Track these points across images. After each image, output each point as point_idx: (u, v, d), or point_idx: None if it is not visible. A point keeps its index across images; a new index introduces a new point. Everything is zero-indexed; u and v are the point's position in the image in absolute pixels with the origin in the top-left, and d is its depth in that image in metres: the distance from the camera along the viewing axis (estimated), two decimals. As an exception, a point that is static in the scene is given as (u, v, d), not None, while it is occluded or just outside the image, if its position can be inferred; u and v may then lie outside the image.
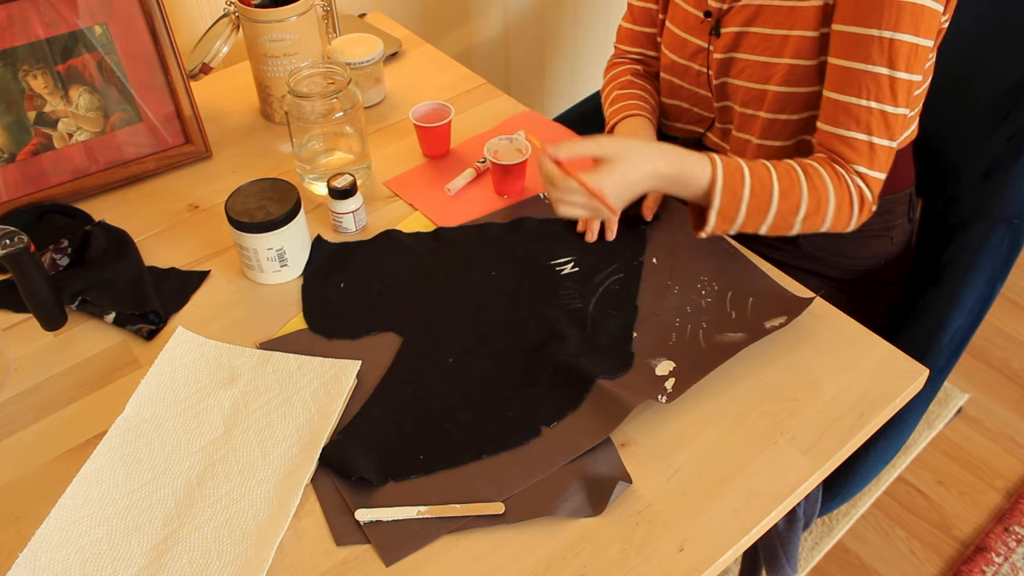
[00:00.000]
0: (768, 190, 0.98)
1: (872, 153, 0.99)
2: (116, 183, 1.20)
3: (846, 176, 1.00)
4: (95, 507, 0.82)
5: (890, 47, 0.94)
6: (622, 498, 0.82)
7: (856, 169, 1.00)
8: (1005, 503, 1.69)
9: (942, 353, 1.10)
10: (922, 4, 0.93)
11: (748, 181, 0.98)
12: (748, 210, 0.98)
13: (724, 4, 1.09)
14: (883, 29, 0.94)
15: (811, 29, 1.01)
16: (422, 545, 0.79)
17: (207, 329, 1.00)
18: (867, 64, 0.96)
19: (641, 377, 0.92)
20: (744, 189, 0.98)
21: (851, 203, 1.00)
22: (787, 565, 1.13)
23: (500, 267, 1.06)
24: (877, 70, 0.95)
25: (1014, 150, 1.16)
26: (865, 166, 0.99)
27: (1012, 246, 1.14)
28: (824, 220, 1.01)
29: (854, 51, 0.96)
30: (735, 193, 0.98)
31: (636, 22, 1.26)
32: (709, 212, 0.98)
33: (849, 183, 1.00)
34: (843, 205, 1.00)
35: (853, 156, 0.99)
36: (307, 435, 0.87)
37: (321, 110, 1.13)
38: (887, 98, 0.96)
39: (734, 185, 0.98)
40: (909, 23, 0.93)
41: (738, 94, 1.11)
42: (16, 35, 1.07)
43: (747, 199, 0.98)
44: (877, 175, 1.00)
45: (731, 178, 0.98)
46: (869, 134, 0.98)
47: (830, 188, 0.99)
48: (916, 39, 0.94)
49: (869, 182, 1.00)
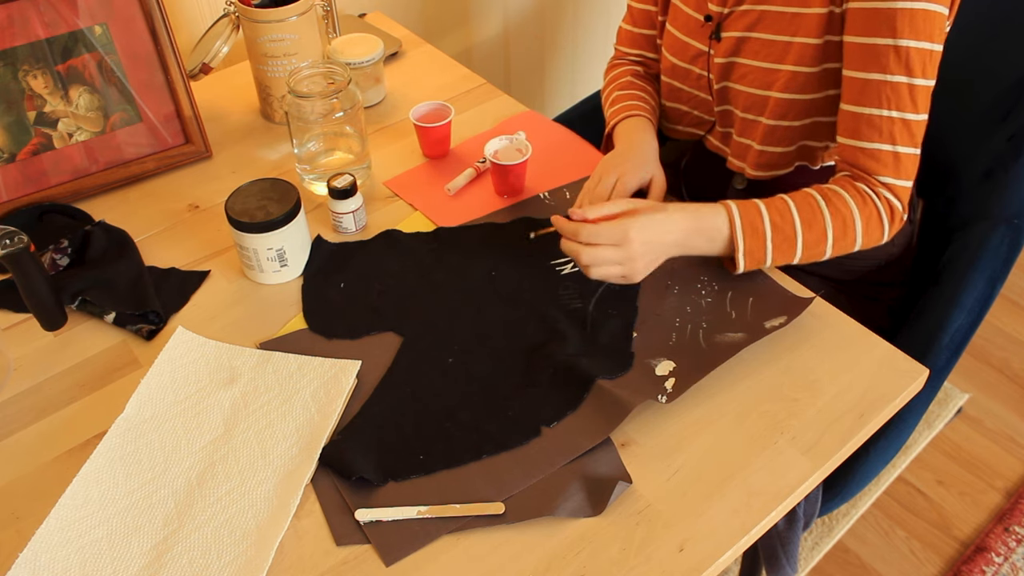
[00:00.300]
0: (790, 223, 0.98)
1: (897, 162, 0.99)
2: (116, 183, 1.20)
3: (870, 192, 1.00)
4: (95, 507, 0.82)
5: (907, 55, 0.94)
6: (622, 498, 0.82)
7: (882, 181, 1.00)
8: (1005, 503, 1.69)
9: (942, 353, 1.10)
10: (932, 10, 0.93)
11: (767, 217, 0.98)
12: (774, 246, 0.98)
13: (725, 8, 1.08)
14: (898, 38, 0.94)
15: (814, 37, 1.01)
16: (422, 545, 0.79)
17: (207, 329, 1.00)
18: (885, 74, 0.95)
19: (641, 377, 0.92)
20: (764, 225, 0.98)
21: (880, 218, 1.00)
22: (787, 565, 1.13)
23: (500, 267, 1.06)
24: (896, 79, 0.95)
25: (1014, 150, 1.16)
26: (891, 176, 0.99)
27: (1012, 246, 1.14)
28: (855, 241, 1.00)
29: (870, 62, 0.96)
30: (757, 231, 0.98)
31: (636, 24, 1.26)
32: (736, 255, 0.98)
33: (875, 199, 1.00)
34: (871, 222, 1.00)
35: (878, 168, 0.99)
36: (307, 435, 0.87)
37: (321, 110, 1.13)
38: (908, 106, 0.96)
39: (754, 223, 0.98)
40: (923, 30, 0.93)
41: (739, 99, 1.11)
42: (16, 35, 1.07)
43: (770, 235, 0.98)
44: (904, 183, 1.00)
45: (749, 217, 0.98)
46: (893, 144, 0.98)
47: (854, 210, 0.99)
48: (932, 45, 0.94)
49: (897, 192, 1.00)
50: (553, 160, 1.22)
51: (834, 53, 1.02)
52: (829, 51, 1.01)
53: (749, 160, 1.14)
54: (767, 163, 1.13)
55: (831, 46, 1.01)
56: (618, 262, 0.95)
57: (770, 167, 1.13)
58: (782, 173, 1.14)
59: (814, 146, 1.11)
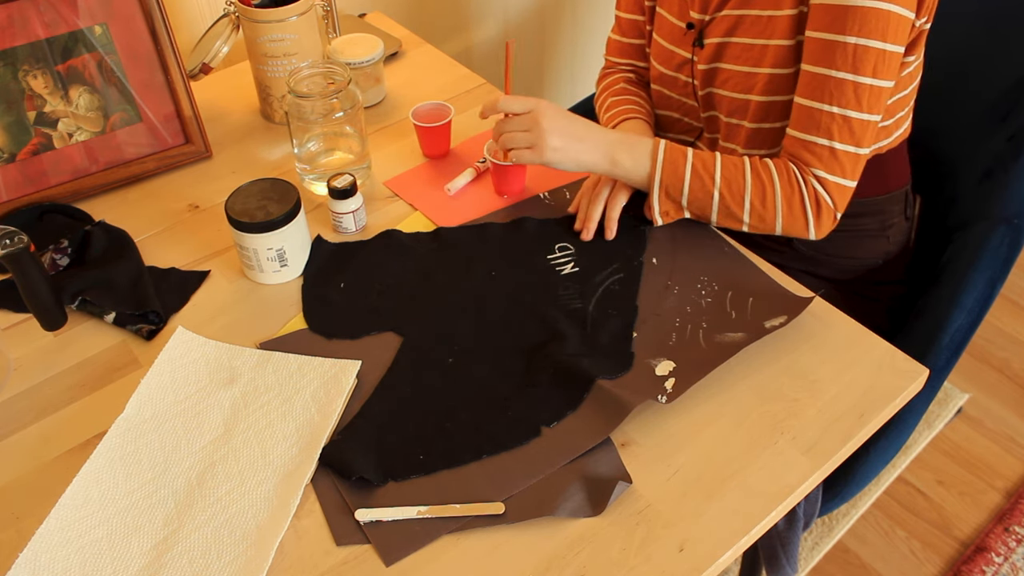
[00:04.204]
0: (710, 174, 1.01)
1: (833, 158, 0.99)
2: (116, 183, 1.20)
3: (798, 176, 1.01)
4: (95, 507, 0.82)
5: (854, 53, 0.94)
6: (622, 498, 0.82)
7: (814, 172, 1.00)
8: (1005, 503, 1.69)
9: (942, 353, 1.10)
10: (888, 10, 0.93)
11: (690, 160, 1.01)
12: (691, 190, 1.02)
13: (705, 15, 1.09)
14: (847, 35, 0.94)
15: (787, 38, 1.02)
16: (422, 545, 0.79)
17: (207, 329, 1.00)
18: (832, 70, 0.96)
19: (641, 377, 0.92)
20: (685, 168, 1.01)
21: (803, 204, 1.01)
22: (787, 565, 1.13)
23: (500, 267, 1.06)
24: (841, 75, 0.96)
25: (1014, 150, 1.16)
26: (824, 171, 1.00)
27: (1012, 246, 1.14)
28: (775, 218, 1.01)
29: (822, 57, 0.97)
30: (676, 169, 1.02)
31: (624, 34, 1.26)
32: (652, 185, 1.02)
33: (801, 184, 1.00)
34: (793, 204, 1.00)
35: (812, 160, 1.00)
36: (307, 435, 0.87)
37: (321, 110, 1.13)
38: (851, 104, 0.97)
39: (675, 160, 1.02)
40: (875, 29, 0.93)
41: (723, 104, 1.12)
42: (16, 35, 1.07)
43: (688, 178, 1.01)
44: (839, 181, 1.00)
45: (672, 153, 1.02)
46: (831, 139, 0.98)
47: (776, 182, 1.00)
48: (884, 45, 0.94)
49: (828, 187, 1.00)
50: (553, 160, 1.22)
51: None
52: (801, 52, 1.02)
53: None
54: None
55: (803, 46, 1.01)
56: (526, 128, 1.03)
57: None
58: None
59: None
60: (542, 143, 1.02)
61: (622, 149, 1.03)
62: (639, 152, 1.03)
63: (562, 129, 1.02)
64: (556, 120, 1.02)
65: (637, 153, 1.03)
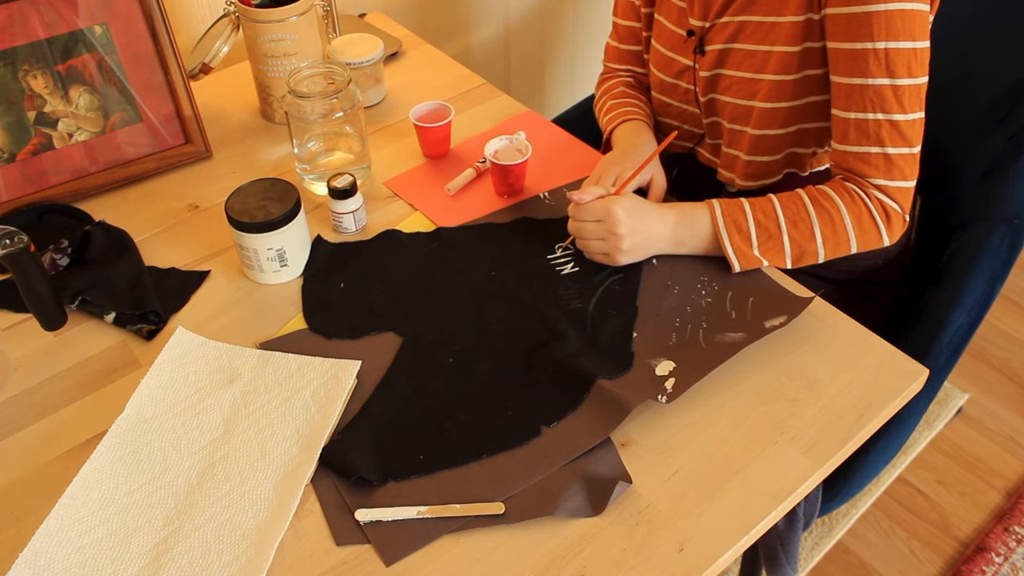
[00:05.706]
0: (774, 220, 1.00)
1: (890, 164, 0.99)
2: (116, 183, 1.20)
3: (860, 192, 1.00)
4: (95, 507, 0.82)
5: (887, 57, 0.94)
6: (622, 498, 0.82)
7: (873, 183, 1.00)
8: (1005, 503, 1.69)
9: (942, 353, 1.10)
10: (909, 9, 0.93)
11: (750, 215, 1.00)
12: (760, 243, 1.00)
13: (706, 22, 1.09)
14: (876, 41, 0.94)
15: (792, 44, 1.02)
16: (422, 545, 0.79)
17: (207, 329, 1.00)
18: (867, 78, 0.96)
19: (641, 377, 0.92)
20: (748, 223, 1.00)
21: (872, 218, 1.00)
22: (787, 565, 1.13)
23: (500, 267, 1.06)
24: (879, 82, 0.95)
25: (1014, 150, 1.16)
26: (883, 178, 0.99)
27: (1012, 246, 1.14)
28: (849, 240, 1.01)
29: (853, 67, 0.97)
30: (740, 228, 1.00)
31: (622, 41, 1.26)
32: (726, 252, 1.01)
33: (865, 199, 1.00)
34: (863, 221, 1.00)
35: (868, 170, 1.00)
36: (307, 435, 0.87)
37: (321, 110, 1.13)
38: (893, 107, 0.96)
39: (737, 219, 1.00)
40: (902, 30, 0.93)
41: (726, 110, 1.12)
42: (16, 35, 1.07)
43: (755, 232, 1.00)
44: (899, 184, 1.00)
45: (732, 214, 1.01)
46: (883, 146, 0.98)
47: (842, 208, 1.00)
48: (913, 44, 0.94)
49: (891, 193, 1.00)
50: (553, 160, 1.22)
51: (813, 60, 1.02)
52: (808, 58, 1.02)
53: (738, 170, 1.15)
54: (755, 172, 1.13)
55: (810, 53, 1.02)
56: (600, 236, 1.00)
57: (758, 176, 1.14)
58: (771, 182, 1.14)
59: (801, 153, 1.11)
60: (616, 253, 1.01)
61: (683, 230, 1.02)
62: (699, 226, 1.02)
63: (631, 229, 1.00)
64: (624, 225, 0.99)
65: (697, 228, 1.02)
